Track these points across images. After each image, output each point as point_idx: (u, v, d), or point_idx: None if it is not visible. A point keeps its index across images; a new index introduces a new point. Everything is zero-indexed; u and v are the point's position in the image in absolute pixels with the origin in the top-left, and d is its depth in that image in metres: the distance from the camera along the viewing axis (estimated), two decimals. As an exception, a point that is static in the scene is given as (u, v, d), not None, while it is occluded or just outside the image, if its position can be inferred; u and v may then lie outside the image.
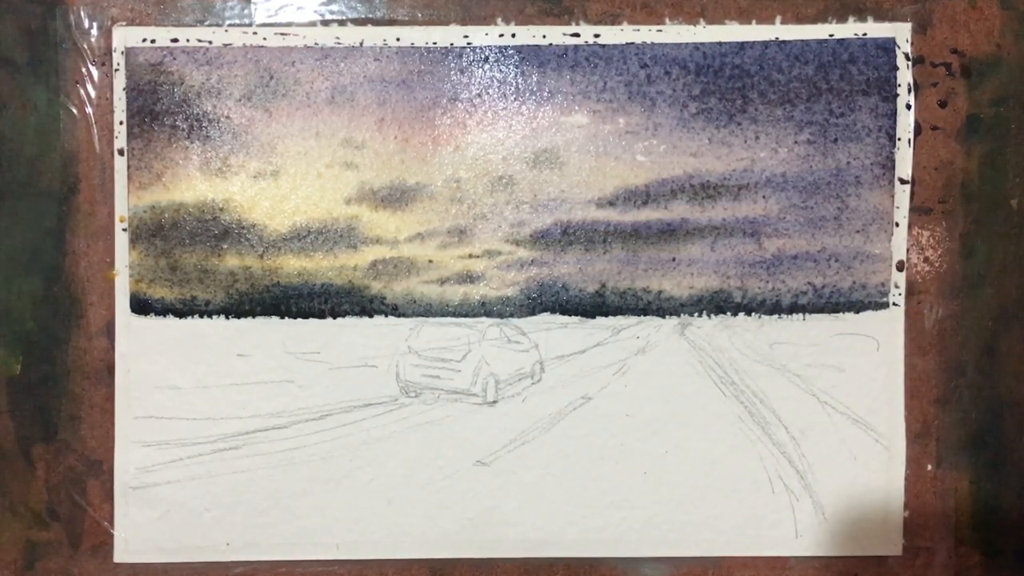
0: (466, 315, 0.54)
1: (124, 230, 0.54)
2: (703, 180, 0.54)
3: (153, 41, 0.53)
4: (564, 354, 0.55)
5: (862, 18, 0.54)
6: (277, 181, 0.54)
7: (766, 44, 0.54)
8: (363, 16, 0.54)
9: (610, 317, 0.54)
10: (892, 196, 0.54)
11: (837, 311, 0.54)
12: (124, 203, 0.54)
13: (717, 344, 0.55)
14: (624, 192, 0.54)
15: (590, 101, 0.54)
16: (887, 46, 0.54)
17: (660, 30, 0.54)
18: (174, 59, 0.53)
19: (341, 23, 0.54)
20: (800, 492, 0.55)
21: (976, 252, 0.55)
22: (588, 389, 0.55)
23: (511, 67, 0.54)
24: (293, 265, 0.54)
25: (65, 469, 0.54)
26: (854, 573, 0.55)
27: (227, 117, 0.54)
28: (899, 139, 0.54)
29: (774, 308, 0.54)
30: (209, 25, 0.54)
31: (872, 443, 0.55)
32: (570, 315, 0.54)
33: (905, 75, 0.54)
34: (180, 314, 0.54)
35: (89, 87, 0.54)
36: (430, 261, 0.54)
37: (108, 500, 0.54)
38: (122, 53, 0.53)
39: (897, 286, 0.54)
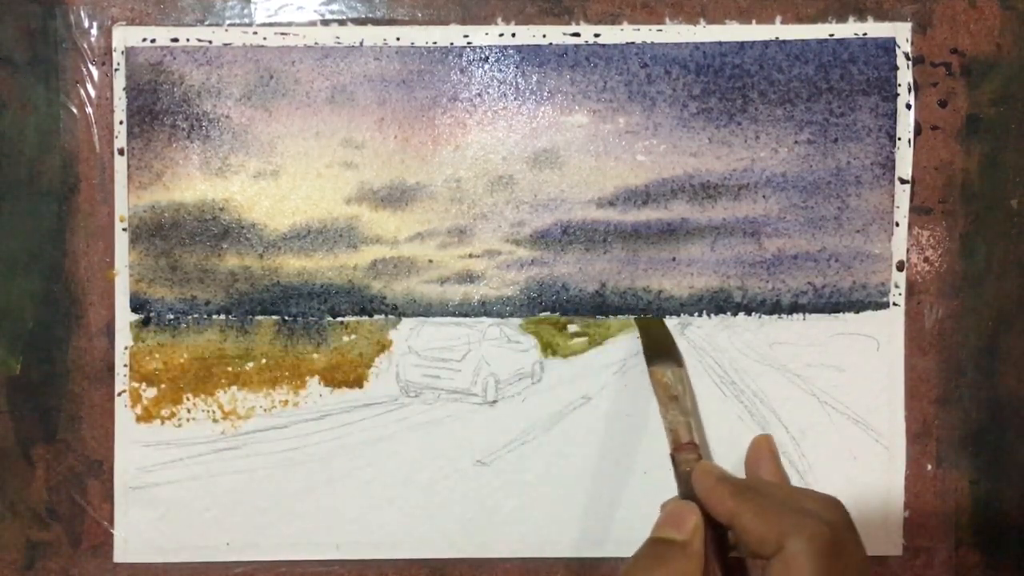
0: (466, 315, 0.54)
1: (124, 230, 0.54)
2: (703, 180, 0.54)
3: (153, 41, 0.53)
4: (564, 354, 0.55)
5: (862, 18, 0.54)
6: (277, 181, 0.54)
7: (766, 44, 0.54)
8: (363, 16, 0.54)
9: (610, 317, 0.54)
10: (892, 196, 0.54)
11: (837, 311, 0.54)
12: (124, 203, 0.54)
13: (717, 344, 0.55)
14: (624, 192, 0.54)
15: (590, 101, 0.54)
16: (887, 46, 0.54)
17: (660, 30, 0.54)
18: (174, 59, 0.53)
19: (341, 23, 0.54)
20: (800, 492, 0.55)
21: (976, 252, 0.55)
22: (588, 389, 0.55)
23: (511, 67, 0.54)
24: (293, 265, 0.54)
25: (65, 469, 0.54)
26: (854, 573, 0.55)
27: (227, 117, 0.54)
28: (899, 139, 0.54)
29: (774, 308, 0.54)
30: (209, 25, 0.54)
31: (872, 443, 0.54)
32: (570, 315, 0.54)
33: (905, 75, 0.54)
34: (180, 314, 0.54)
35: (89, 87, 0.54)
36: (430, 261, 0.54)
37: (108, 500, 0.54)
38: (122, 53, 0.53)
39: (897, 286, 0.54)
